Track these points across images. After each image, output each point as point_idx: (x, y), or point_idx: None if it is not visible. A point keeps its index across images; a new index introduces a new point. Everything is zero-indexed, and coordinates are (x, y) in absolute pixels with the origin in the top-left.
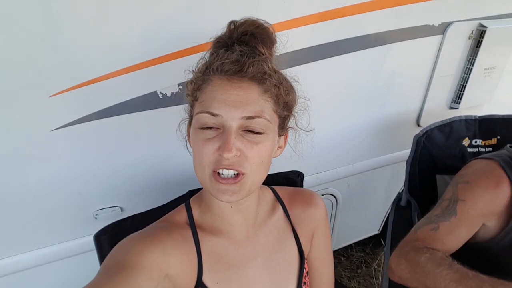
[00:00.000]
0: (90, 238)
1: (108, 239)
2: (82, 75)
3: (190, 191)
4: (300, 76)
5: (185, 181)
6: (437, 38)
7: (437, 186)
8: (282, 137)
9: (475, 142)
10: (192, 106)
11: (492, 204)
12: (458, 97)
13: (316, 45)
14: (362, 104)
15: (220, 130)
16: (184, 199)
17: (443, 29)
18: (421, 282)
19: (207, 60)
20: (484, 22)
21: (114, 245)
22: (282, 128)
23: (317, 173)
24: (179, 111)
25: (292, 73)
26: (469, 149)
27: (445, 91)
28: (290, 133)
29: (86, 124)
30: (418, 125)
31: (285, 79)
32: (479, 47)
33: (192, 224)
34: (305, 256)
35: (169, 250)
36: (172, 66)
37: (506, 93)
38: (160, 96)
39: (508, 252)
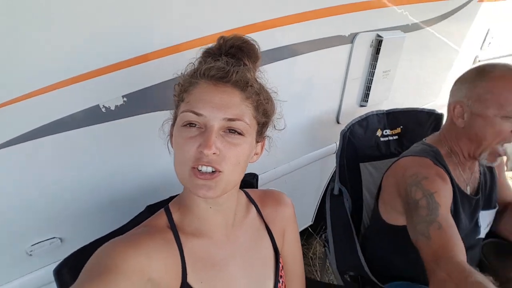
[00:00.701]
0: (24, 280)
1: (70, 271)
2: (10, 92)
3: (148, 206)
4: None
5: (133, 198)
6: (347, 47)
7: (361, 173)
8: (259, 144)
9: (385, 132)
10: (177, 107)
11: (450, 193)
12: (365, 96)
13: None
14: (293, 108)
15: (202, 129)
16: (144, 216)
17: (351, 38)
18: None
19: (196, 66)
20: (380, 33)
21: (77, 277)
22: (260, 134)
23: (260, 174)
24: (127, 124)
25: (271, 84)
26: (381, 139)
27: (356, 92)
28: None
29: (15, 146)
30: (338, 123)
31: (265, 89)
32: (378, 54)
33: (173, 227)
34: (280, 252)
35: (152, 254)
36: (116, 77)
37: (397, 91)
38: (103, 109)
39: None
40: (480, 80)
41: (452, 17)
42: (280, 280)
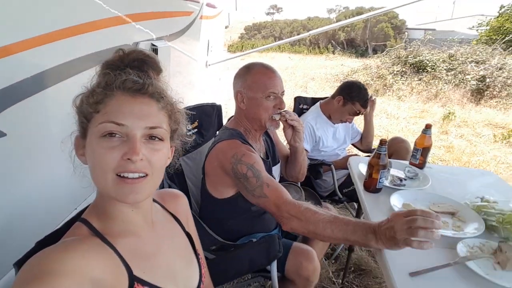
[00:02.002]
0: None
1: None
2: None
3: (38, 242)
4: None
5: None
6: None
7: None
8: (171, 149)
9: (188, 127)
10: (88, 119)
11: (260, 160)
12: None
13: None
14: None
15: (124, 138)
16: (34, 250)
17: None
18: (306, 228)
19: (103, 78)
20: (154, 42)
21: None
22: (172, 140)
23: None
24: None
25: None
26: (188, 133)
27: None
28: None
29: None
30: None
31: (174, 100)
32: None
33: (98, 234)
34: (191, 235)
35: (87, 254)
36: None
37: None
38: None
39: None
40: (248, 74)
41: (187, 32)
42: (199, 257)
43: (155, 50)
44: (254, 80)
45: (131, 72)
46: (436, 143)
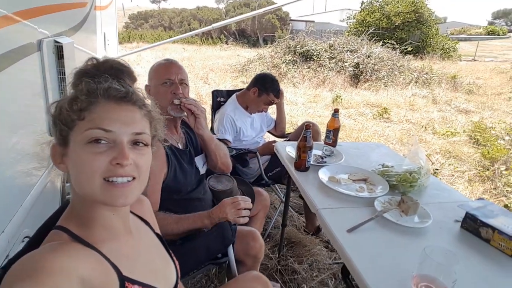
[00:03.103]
0: None
1: None
2: None
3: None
4: None
5: None
6: (36, 55)
7: None
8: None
9: None
10: (70, 127)
11: (162, 158)
12: None
13: None
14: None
15: (111, 144)
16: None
17: (39, 45)
18: (163, 231)
19: (85, 86)
20: (56, 39)
21: None
22: (152, 145)
23: None
24: None
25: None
26: None
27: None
28: None
29: None
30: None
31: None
32: (62, 59)
33: (80, 240)
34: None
35: (74, 254)
36: None
37: None
38: None
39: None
40: (152, 69)
41: (84, 25)
42: (172, 255)
43: (60, 48)
44: (155, 71)
45: (110, 80)
46: None
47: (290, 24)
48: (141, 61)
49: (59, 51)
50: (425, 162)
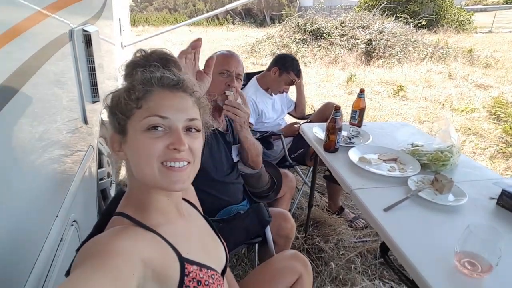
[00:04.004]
0: None
1: None
2: None
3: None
4: None
5: None
6: (69, 45)
7: None
8: None
9: None
10: (128, 115)
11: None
12: (95, 92)
13: None
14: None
15: (167, 130)
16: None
17: (70, 36)
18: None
19: (141, 75)
20: (86, 28)
21: None
22: (202, 130)
23: None
24: None
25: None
26: None
27: (87, 90)
28: None
29: None
30: (86, 123)
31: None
32: (91, 48)
33: (139, 224)
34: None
35: (135, 237)
36: None
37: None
38: None
39: None
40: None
41: (103, 13)
42: (219, 234)
43: (88, 36)
44: (215, 60)
45: (162, 69)
46: (346, 103)
47: (298, 1)
48: (147, 46)
49: (87, 40)
50: (456, 141)
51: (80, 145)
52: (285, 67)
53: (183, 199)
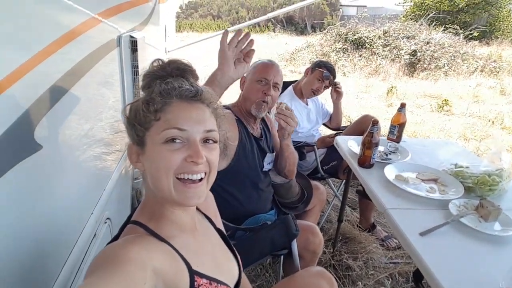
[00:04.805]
0: None
1: None
2: None
3: None
4: None
5: None
6: (116, 51)
7: None
8: None
9: None
10: (147, 127)
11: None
12: (136, 94)
13: None
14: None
15: (184, 142)
16: None
17: (118, 41)
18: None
19: (158, 87)
20: (133, 34)
21: None
22: (220, 141)
23: None
24: None
25: None
26: None
27: (130, 92)
28: None
29: None
30: None
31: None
32: (136, 53)
33: (153, 233)
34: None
35: (148, 246)
36: None
37: None
38: None
39: None
40: (255, 64)
41: (151, 19)
42: (233, 250)
43: (134, 42)
44: (255, 67)
45: (180, 80)
46: (385, 115)
47: (341, 10)
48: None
49: (133, 45)
50: (507, 164)
51: (119, 144)
52: (316, 64)
53: (198, 209)
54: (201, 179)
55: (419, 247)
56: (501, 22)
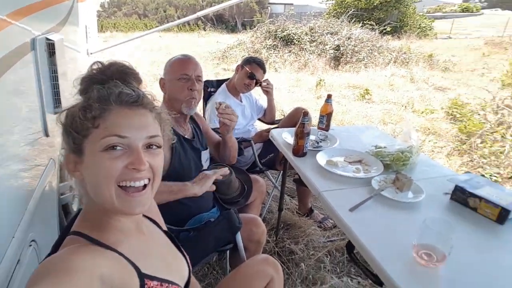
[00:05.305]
0: None
1: None
2: None
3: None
4: None
5: None
6: (31, 55)
7: None
8: None
9: None
10: (84, 135)
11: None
12: (57, 102)
13: None
14: None
15: (126, 149)
16: None
17: (32, 45)
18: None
19: (96, 93)
20: (49, 36)
21: None
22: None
23: None
24: None
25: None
26: None
27: (49, 100)
28: None
29: None
30: (47, 135)
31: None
32: (54, 57)
33: (96, 242)
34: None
35: (93, 254)
36: None
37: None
38: None
39: None
40: (169, 63)
41: (69, 19)
42: (181, 248)
43: (51, 45)
44: (171, 66)
45: (120, 85)
46: (315, 107)
47: (269, 8)
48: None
49: (50, 48)
50: (416, 142)
51: (40, 158)
52: (245, 61)
53: (143, 215)
54: (144, 186)
55: (349, 221)
56: (408, 18)
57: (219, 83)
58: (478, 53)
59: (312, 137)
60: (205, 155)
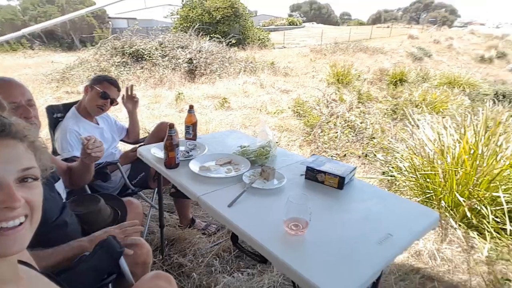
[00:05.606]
0: None
1: None
2: None
3: None
4: None
5: None
6: None
7: None
8: None
9: None
10: None
11: None
12: None
13: None
14: None
15: None
16: None
17: None
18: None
19: None
20: None
21: None
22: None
23: None
24: None
25: None
26: None
27: None
28: None
29: None
30: None
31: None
32: None
33: None
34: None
35: None
36: None
37: None
38: None
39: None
40: None
41: None
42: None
43: None
44: None
45: None
46: (179, 120)
47: (110, 23)
48: None
49: None
50: (272, 137)
51: None
52: (93, 81)
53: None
54: (21, 224)
55: (229, 216)
56: (248, 31)
57: (66, 107)
58: (307, 59)
59: (181, 147)
60: (60, 186)
